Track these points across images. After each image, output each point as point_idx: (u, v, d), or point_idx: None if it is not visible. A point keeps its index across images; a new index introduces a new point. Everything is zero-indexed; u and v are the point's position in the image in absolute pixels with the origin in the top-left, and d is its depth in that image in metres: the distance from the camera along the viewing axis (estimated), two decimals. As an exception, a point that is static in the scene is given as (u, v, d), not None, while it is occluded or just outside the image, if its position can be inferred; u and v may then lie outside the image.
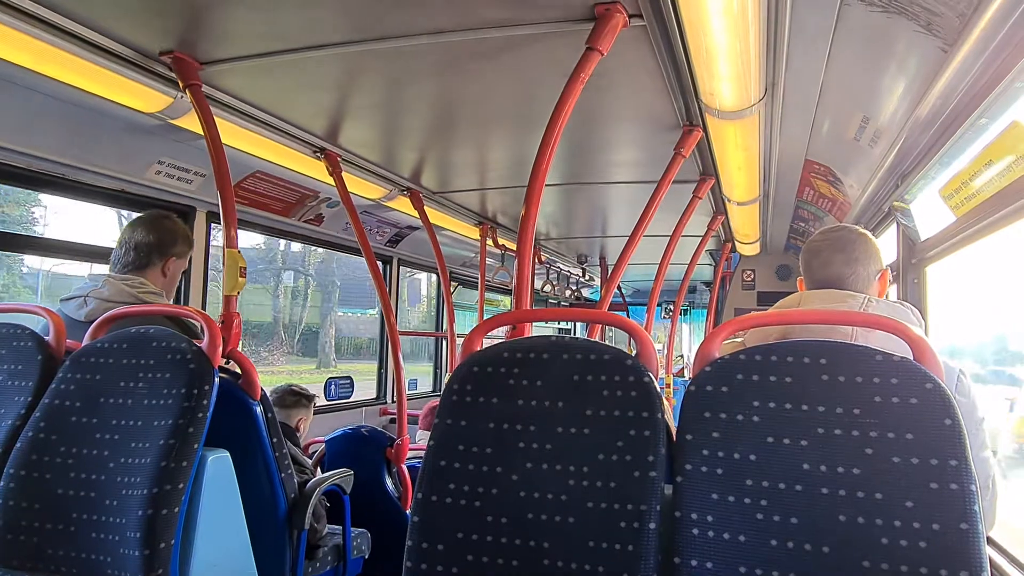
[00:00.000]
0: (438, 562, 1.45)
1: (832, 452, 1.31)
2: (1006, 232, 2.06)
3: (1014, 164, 1.76)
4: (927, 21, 1.68)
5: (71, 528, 1.76)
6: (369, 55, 2.25)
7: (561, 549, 1.40)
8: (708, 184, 3.53)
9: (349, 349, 23.10)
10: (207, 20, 2.07)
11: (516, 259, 2.10)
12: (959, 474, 1.23)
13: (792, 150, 3.32)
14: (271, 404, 2.29)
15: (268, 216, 3.78)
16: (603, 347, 1.54)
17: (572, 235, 6.07)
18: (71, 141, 2.62)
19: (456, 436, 1.53)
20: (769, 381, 1.38)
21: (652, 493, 1.39)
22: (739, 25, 1.85)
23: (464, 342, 1.68)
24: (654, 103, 2.58)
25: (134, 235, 2.31)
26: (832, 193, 3.79)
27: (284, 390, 3.26)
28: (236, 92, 2.61)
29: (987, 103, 1.78)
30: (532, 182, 2.05)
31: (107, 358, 1.92)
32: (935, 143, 2.27)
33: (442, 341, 6.16)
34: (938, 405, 1.28)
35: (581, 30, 1.95)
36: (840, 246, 1.78)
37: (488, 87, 2.56)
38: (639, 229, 2.93)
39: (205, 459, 1.86)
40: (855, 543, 1.25)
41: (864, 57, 2.16)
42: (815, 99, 2.61)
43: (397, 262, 5.32)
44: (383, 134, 3.21)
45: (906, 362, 1.32)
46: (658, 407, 1.45)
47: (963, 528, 1.20)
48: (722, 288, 6.96)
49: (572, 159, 3.51)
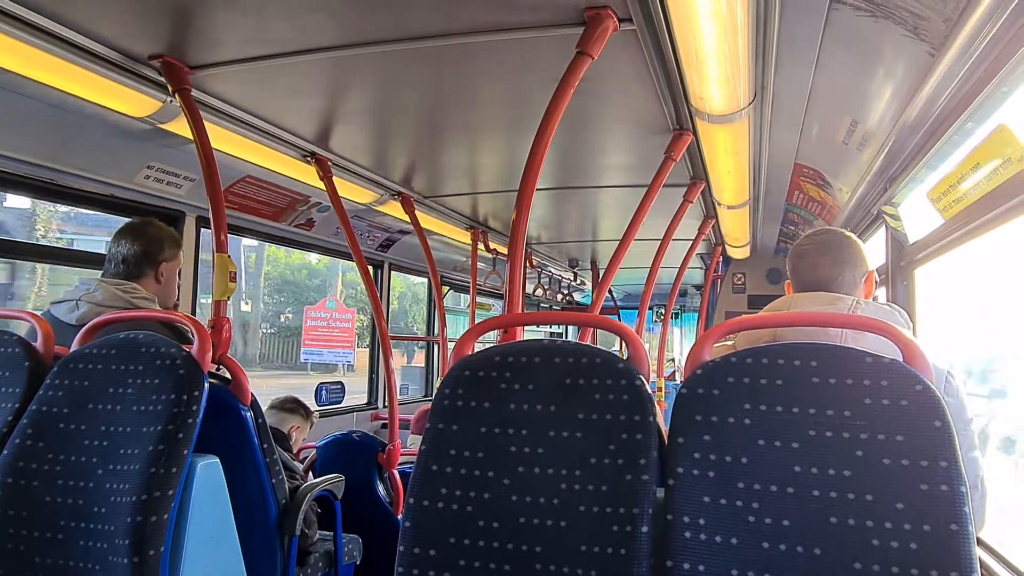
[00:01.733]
0: (430, 567, 1.44)
1: (823, 454, 1.31)
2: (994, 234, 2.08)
3: (1001, 167, 1.78)
4: (914, 25, 1.70)
5: (59, 536, 1.74)
6: (359, 59, 2.25)
7: (554, 553, 1.40)
8: (698, 188, 3.54)
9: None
10: (196, 24, 2.06)
11: (507, 263, 2.10)
12: (949, 475, 1.24)
13: (781, 154, 3.34)
14: (261, 410, 2.28)
15: (258, 221, 3.77)
16: (594, 350, 1.54)
17: (563, 239, 6.08)
18: (59, 145, 2.61)
19: (448, 440, 1.52)
20: (760, 384, 1.38)
21: (644, 496, 1.38)
22: (728, 29, 1.86)
23: (455, 346, 1.67)
24: (644, 107, 2.59)
25: (119, 248, 2.29)
26: (821, 196, 3.81)
27: (287, 396, 3.30)
28: (226, 96, 2.59)
29: (974, 106, 1.80)
30: (523, 186, 2.05)
31: (96, 363, 1.90)
32: (923, 146, 2.29)
33: (433, 346, 6.15)
34: (928, 407, 1.28)
35: (571, 35, 1.95)
36: (826, 249, 1.79)
37: (478, 92, 2.56)
38: (630, 233, 2.93)
39: (195, 465, 1.85)
40: (846, 545, 1.25)
41: (852, 61, 2.18)
42: (804, 103, 2.62)
43: (388, 267, 5.31)
44: (374, 138, 3.21)
45: (896, 364, 1.33)
46: (650, 410, 1.45)
47: (953, 529, 1.21)
48: (713, 291, 6.99)
49: (563, 163, 3.51)
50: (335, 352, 8.01)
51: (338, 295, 21.44)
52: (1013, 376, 3.69)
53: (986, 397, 3.88)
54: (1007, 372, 3.73)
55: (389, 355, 3.69)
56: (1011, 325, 3.38)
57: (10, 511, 1.77)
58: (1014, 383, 3.66)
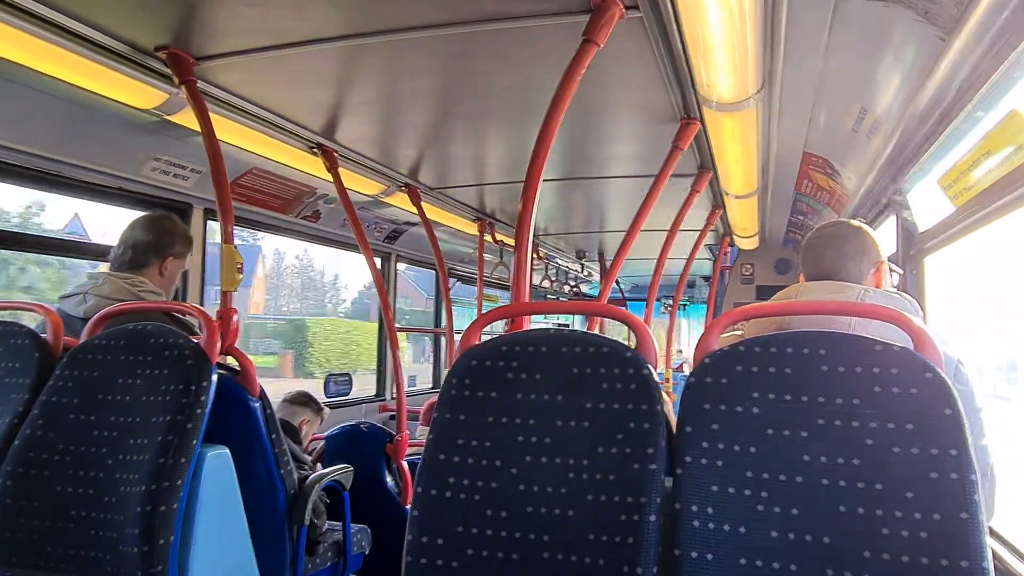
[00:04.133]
0: (438, 556, 1.45)
1: (832, 443, 1.31)
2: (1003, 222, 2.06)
3: (1013, 154, 1.76)
4: (925, 9, 1.68)
5: (70, 525, 1.75)
6: (365, 50, 2.24)
7: (561, 542, 1.40)
8: (706, 177, 3.52)
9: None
10: (202, 15, 2.06)
11: (514, 254, 2.10)
12: (959, 463, 1.23)
13: (790, 142, 3.31)
14: (270, 400, 2.29)
15: (265, 213, 3.78)
16: (602, 339, 1.53)
17: (570, 230, 6.07)
18: (66, 137, 2.61)
19: (455, 430, 1.53)
20: (768, 372, 1.37)
21: (652, 485, 1.38)
22: (736, 16, 1.85)
23: (462, 336, 1.67)
24: (651, 96, 2.57)
25: (133, 234, 2.33)
26: (830, 185, 3.78)
27: (298, 391, 3.33)
28: (232, 88, 2.60)
29: (985, 91, 1.78)
30: (529, 177, 2.04)
31: (105, 355, 1.91)
32: (933, 133, 2.27)
33: (441, 337, 6.16)
34: (938, 395, 1.27)
35: (577, 22, 1.94)
36: (830, 241, 1.81)
37: (485, 81, 2.55)
38: (637, 223, 2.92)
39: (204, 455, 1.86)
40: (856, 534, 1.25)
41: (862, 47, 2.15)
42: (813, 90, 2.60)
43: (395, 258, 5.31)
44: (380, 130, 3.21)
45: (906, 352, 1.32)
46: (657, 399, 1.45)
47: (963, 517, 1.20)
48: (721, 282, 6.96)
49: (569, 154, 3.50)
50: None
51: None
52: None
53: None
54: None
55: (396, 347, 3.69)
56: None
57: (21, 501, 1.78)
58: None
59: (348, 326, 22.71)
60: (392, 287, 5.33)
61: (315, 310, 35.42)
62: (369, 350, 12.76)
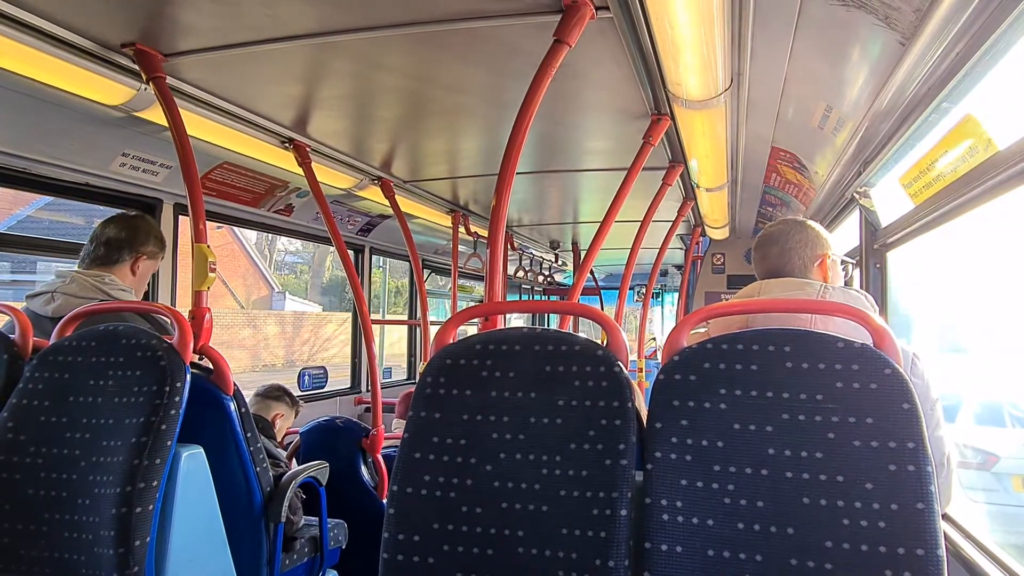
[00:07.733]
0: (414, 552, 1.48)
1: (796, 437, 1.35)
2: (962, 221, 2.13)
3: (968, 156, 1.82)
4: (885, 15, 1.73)
5: (43, 528, 1.74)
6: (336, 46, 2.23)
7: (535, 537, 1.43)
8: (677, 171, 3.57)
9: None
10: (169, 12, 2.03)
11: (488, 246, 2.11)
12: (916, 456, 1.29)
13: (758, 138, 3.37)
14: (244, 399, 2.29)
15: (237, 207, 3.74)
16: (574, 338, 1.56)
17: (544, 221, 6.09)
18: (31, 134, 2.57)
19: (430, 428, 1.55)
20: (735, 369, 1.42)
21: (623, 480, 1.42)
22: (704, 17, 1.88)
23: (437, 334, 1.69)
24: (623, 93, 2.60)
25: (105, 231, 2.31)
26: (798, 179, 3.85)
27: (272, 384, 3.31)
28: (201, 84, 2.56)
29: (943, 95, 1.84)
30: (503, 171, 2.05)
31: (76, 356, 1.89)
32: (895, 132, 2.33)
33: (416, 329, 6.16)
34: (897, 390, 1.33)
35: (548, 23, 1.95)
36: (774, 239, 1.90)
37: (457, 78, 2.55)
38: (610, 215, 2.95)
39: (179, 455, 1.86)
40: (818, 524, 1.30)
41: (826, 48, 2.20)
42: (780, 88, 2.65)
43: (369, 251, 5.29)
44: (352, 124, 3.19)
45: (866, 348, 1.37)
46: (628, 396, 1.49)
47: (919, 507, 1.26)
48: (693, 271, 7.05)
49: (543, 147, 3.52)
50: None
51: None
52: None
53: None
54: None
55: (371, 339, 3.69)
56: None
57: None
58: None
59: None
60: (367, 280, 5.31)
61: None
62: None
